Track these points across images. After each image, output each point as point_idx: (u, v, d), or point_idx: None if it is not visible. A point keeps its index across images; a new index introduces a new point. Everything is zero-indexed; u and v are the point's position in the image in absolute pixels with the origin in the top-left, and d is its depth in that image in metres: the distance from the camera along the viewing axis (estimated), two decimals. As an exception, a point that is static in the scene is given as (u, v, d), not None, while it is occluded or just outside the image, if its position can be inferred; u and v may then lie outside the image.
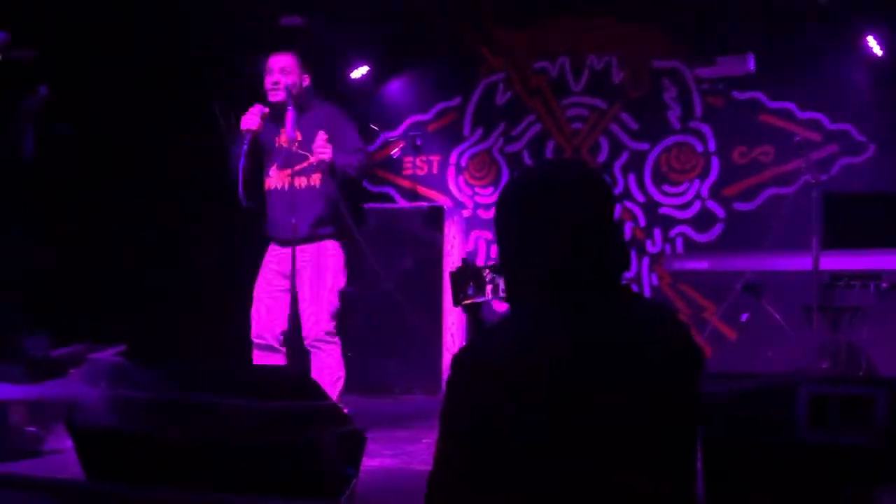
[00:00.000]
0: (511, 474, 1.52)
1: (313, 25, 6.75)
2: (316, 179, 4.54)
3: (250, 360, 4.67)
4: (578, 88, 7.47)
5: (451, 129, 7.80)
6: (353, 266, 6.16)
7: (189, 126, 6.63)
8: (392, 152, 7.41)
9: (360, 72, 7.56)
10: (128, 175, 6.29)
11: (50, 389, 4.23)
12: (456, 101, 7.79)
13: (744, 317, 5.52)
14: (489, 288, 2.18)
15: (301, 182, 4.52)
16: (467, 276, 2.18)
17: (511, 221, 1.68)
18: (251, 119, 4.46)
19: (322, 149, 4.38)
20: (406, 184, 7.84)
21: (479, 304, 2.18)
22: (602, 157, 7.34)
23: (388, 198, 7.77)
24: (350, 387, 4.78)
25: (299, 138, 4.50)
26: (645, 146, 7.27)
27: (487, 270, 2.29)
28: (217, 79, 6.66)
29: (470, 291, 2.17)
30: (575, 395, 1.52)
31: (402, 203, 7.60)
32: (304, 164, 4.51)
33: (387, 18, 7.09)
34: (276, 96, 4.53)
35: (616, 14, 7.08)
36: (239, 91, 6.82)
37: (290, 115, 4.48)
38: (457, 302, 2.19)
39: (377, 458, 4.26)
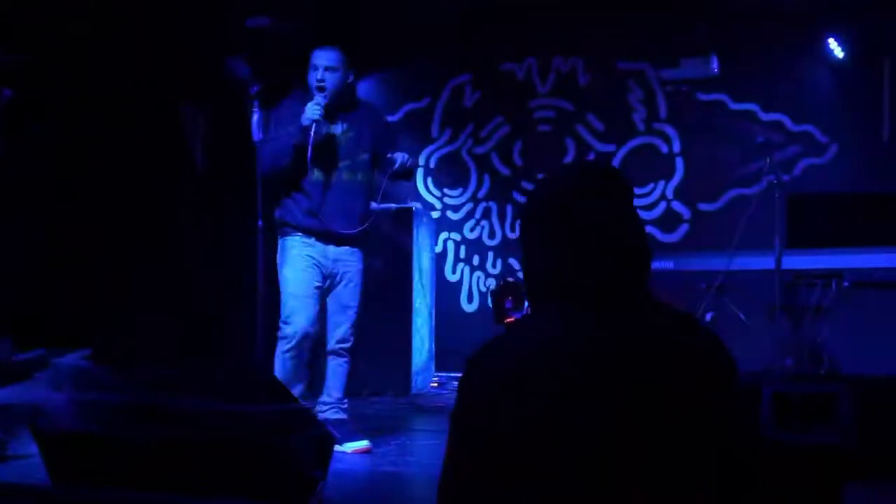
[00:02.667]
0: (520, 479, 1.50)
1: (280, 26, 6.72)
2: (361, 176, 4.55)
3: (222, 361, 4.69)
4: (545, 90, 7.51)
5: (419, 131, 7.81)
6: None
7: (157, 126, 6.58)
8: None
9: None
10: (98, 176, 6.23)
11: (14, 394, 4.18)
12: (424, 102, 7.80)
13: (708, 316, 5.56)
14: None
15: (347, 177, 4.50)
16: (506, 292, 2.18)
17: (531, 225, 1.67)
18: (314, 110, 4.31)
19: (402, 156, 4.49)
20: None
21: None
22: (569, 158, 7.39)
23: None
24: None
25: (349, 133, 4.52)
26: (611, 147, 7.32)
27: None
28: (185, 79, 6.62)
29: (508, 306, 2.17)
30: (592, 401, 1.50)
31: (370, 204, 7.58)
32: (351, 160, 4.51)
33: (354, 20, 7.08)
34: (321, 95, 4.39)
35: (582, 16, 7.12)
36: (206, 91, 6.81)
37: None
38: (498, 319, 2.20)
39: (345, 461, 4.25)
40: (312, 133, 4.27)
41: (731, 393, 1.55)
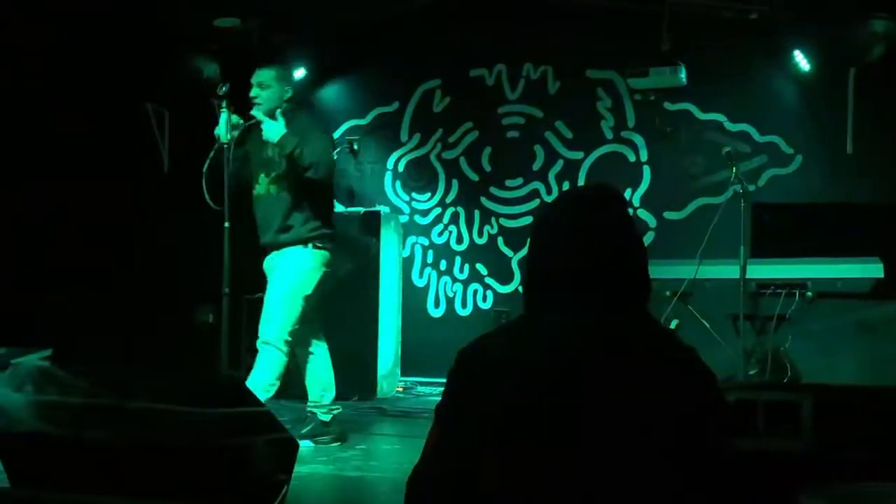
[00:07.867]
0: (497, 473, 1.53)
1: (250, 27, 6.69)
2: (287, 185, 4.77)
3: (186, 363, 4.77)
4: (515, 97, 7.52)
5: (388, 135, 7.79)
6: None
7: (121, 123, 6.52)
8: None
9: (296, 75, 7.51)
10: (61, 174, 6.16)
11: (-28, 394, 4.11)
12: (394, 106, 7.79)
13: (672, 324, 5.59)
14: None
15: (274, 189, 4.80)
16: None
17: (537, 233, 1.76)
18: (219, 127, 4.65)
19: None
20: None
21: None
22: (537, 165, 7.41)
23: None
24: (285, 393, 4.75)
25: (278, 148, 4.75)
26: (579, 155, 7.34)
27: None
28: (150, 78, 6.57)
29: None
30: (569, 399, 1.53)
31: (338, 208, 7.56)
32: (279, 172, 4.78)
33: (326, 23, 7.06)
34: (256, 110, 4.77)
35: (552, 24, 7.14)
36: (173, 91, 6.76)
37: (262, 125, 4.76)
38: None
39: (309, 465, 4.24)
40: (214, 151, 4.61)
41: (702, 409, 1.58)
